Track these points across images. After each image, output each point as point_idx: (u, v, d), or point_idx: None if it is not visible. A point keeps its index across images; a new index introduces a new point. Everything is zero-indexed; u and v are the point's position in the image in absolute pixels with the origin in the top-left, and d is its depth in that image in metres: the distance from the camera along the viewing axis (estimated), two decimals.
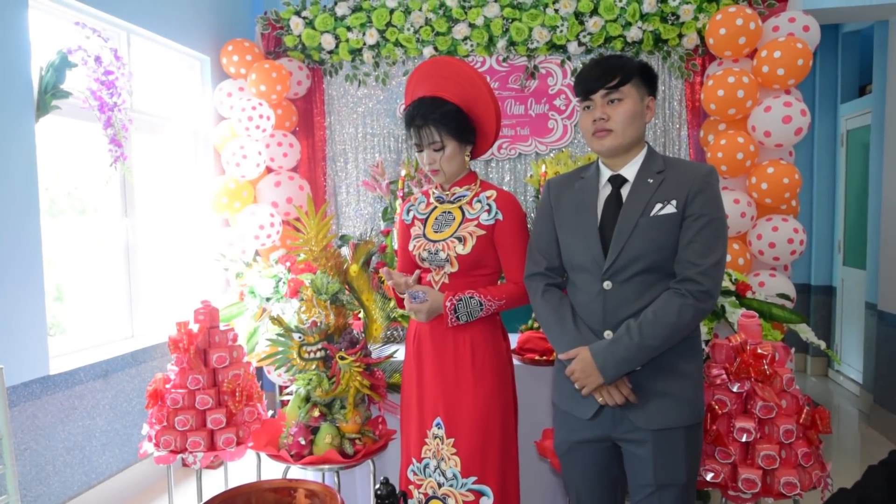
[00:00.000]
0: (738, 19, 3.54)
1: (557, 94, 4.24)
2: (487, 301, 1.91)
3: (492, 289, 1.94)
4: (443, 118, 1.90)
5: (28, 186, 2.76)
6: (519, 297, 1.94)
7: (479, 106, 1.94)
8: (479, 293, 1.92)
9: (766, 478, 2.07)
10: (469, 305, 1.91)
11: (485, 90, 1.93)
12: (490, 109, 1.94)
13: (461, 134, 1.94)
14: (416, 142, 1.96)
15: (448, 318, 1.92)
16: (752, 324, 2.24)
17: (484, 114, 1.95)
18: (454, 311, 1.91)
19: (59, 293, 3.23)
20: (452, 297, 1.92)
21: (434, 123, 1.90)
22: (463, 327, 1.95)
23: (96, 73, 3.01)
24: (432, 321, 1.98)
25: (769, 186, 3.52)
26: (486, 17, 4.08)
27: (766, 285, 3.56)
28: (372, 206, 4.48)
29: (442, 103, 1.93)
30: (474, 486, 1.94)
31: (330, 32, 4.24)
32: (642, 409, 1.66)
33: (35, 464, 2.79)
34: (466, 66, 1.95)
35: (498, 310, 1.95)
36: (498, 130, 2.00)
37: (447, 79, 1.95)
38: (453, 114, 1.92)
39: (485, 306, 1.91)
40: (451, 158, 1.94)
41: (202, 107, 4.24)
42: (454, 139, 1.93)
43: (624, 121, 1.66)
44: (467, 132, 1.96)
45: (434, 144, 1.92)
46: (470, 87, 1.93)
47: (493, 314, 1.97)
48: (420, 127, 1.92)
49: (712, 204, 1.63)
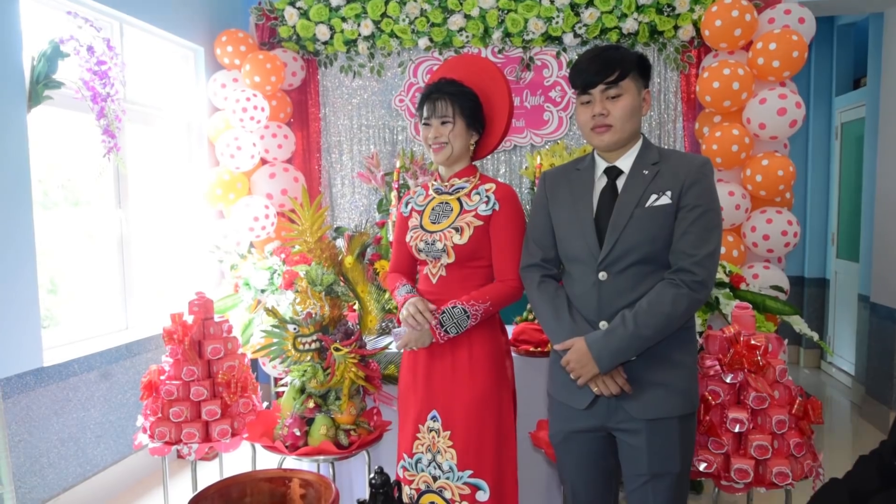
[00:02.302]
0: (733, 11, 3.54)
1: (553, 85, 4.23)
2: (471, 306, 1.90)
3: (474, 293, 1.92)
4: (459, 95, 1.96)
5: (20, 178, 2.74)
6: (506, 295, 1.93)
7: (496, 101, 2.01)
8: (461, 301, 1.91)
9: (759, 468, 2.09)
10: (454, 316, 1.90)
11: (504, 87, 2.00)
12: (504, 106, 2.00)
13: (471, 116, 1.97)
14: (427, 115, 1.98)
15: (437, 335, 1.93)
16: (745, 315, 2.25)
17: (498, 109, 2.01)
18: (441, 326, 1.92)
19: (53, 285, 3.22)
20: (433, 313, 1.94)
21: (450, 97, 1.95)
22: None
23: (89, 63, 2.98)
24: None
25: (764, 179, 3.53)
26: (482, 8, 4.07)
27: (759, 277, 3.57)
28: (367, 197, 4.47)
29: (461, 84, 1.99)
30: (470, 480, 1.95)
31: (324, 23, 4.22)
32: (637, 398, 1.66)
33: (29, 455, 2.78)
34: (491, 64, 2.08)
35: (486, 313, 1.92)
36: (506, 131, 2.04)
37: (471, 72, 2.04)
38: (469, 95, 1.98)
39: (470, 313, 1.90)
40: (457, 136, 1.96)
41: (196, 98, 4.21)
42: (464, 119, 1.96)
43: (623, 116, 1.66)
44: (477, 119, 1.99)
45: (444, 117, 1.95)
46: (490, 80, 2.01)
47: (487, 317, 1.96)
48: (436, 99, 1.96)
49: (707, 195, 1.64)
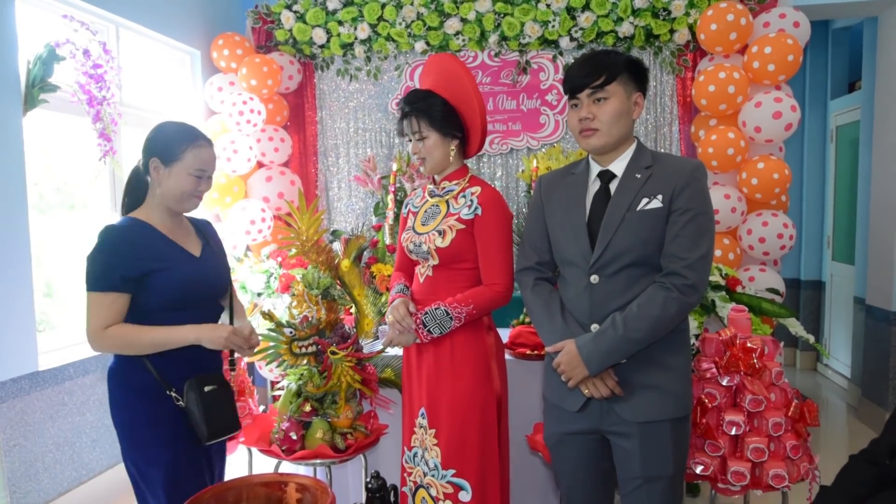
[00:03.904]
0: (729, 15, 3.56)
1: (549, 89, 4.24)
2: (454, 308, 1.91)
3: (459, 296, 1.94)
4: (427, 109, 1.95)
5: (16, 181, 2.73)
6: (491, 299, 1.94)
7: (465, 102, 1.96)
8: (445, 302, 1.93)
9: (755, 470, 2.09)
10: (436, 317, 1.92)
11: (468, 87, 1.94)
12: (474, 107, 1.95)
13: (443, 127, 1.96)
14: (405, 132, 2.01)
15: (420, 334, 1.95)
16: (741, 318, 2.25)
17: (469, 111, 1.97)
18: (423, 326, 1.94)
19: (49, 289, 3.21)
20: (417, 312, 1.96)
21: (416, 113, 1.96)
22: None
23: (85, 67, 2.98)
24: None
25: (759, 182, 3.54)
26: (478, 12, 4.08)
27: (755, 280, 3.58)
28: (363, 200, 4.47)
29: (428, 95, 1.98)
30: (453, 479, 1.96)
31: (321, 27, 4.23)
32: (628, 401, 1.67)
33: (24, 460, 2.77)
34: (457, 64, 1.98)
35: (469, 316, 1.93)
36: (484, 129, 2.01)
37: (441, 75, 2.01)
38: (437, 106, 1.96)
39: (453, 315, 1.91)
40: (432, 149, 1.97)
41: (192, 101, 4.21)
42: (436, 131, 1.96)
43: (609, 120, 1.66)
44: (451, 126, 1.98)
45: (415, 134, 1.97)
46: (456, 83, 1.96)
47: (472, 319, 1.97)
48: (406, 115, 1.98)
49: (698, 198, 1.64)
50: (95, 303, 1.70)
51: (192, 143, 1.79)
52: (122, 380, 1.79)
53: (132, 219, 1.81)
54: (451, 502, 1.96)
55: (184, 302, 1.79)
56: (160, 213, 1.83)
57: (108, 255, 1.70)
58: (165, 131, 1.81)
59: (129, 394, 1.77)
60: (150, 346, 1.74)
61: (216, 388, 1.81)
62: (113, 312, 1.70)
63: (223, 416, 1.82)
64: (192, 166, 1.79)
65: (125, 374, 1.78)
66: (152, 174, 1.80)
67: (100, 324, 1.69)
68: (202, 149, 1.82)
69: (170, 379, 1.76)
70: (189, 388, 1.75)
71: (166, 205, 1.82)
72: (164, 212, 1.83)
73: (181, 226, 1.90)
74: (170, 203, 1.81)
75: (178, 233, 1.86)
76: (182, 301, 1.79)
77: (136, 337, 1.72)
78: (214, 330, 1.79)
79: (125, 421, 1.78)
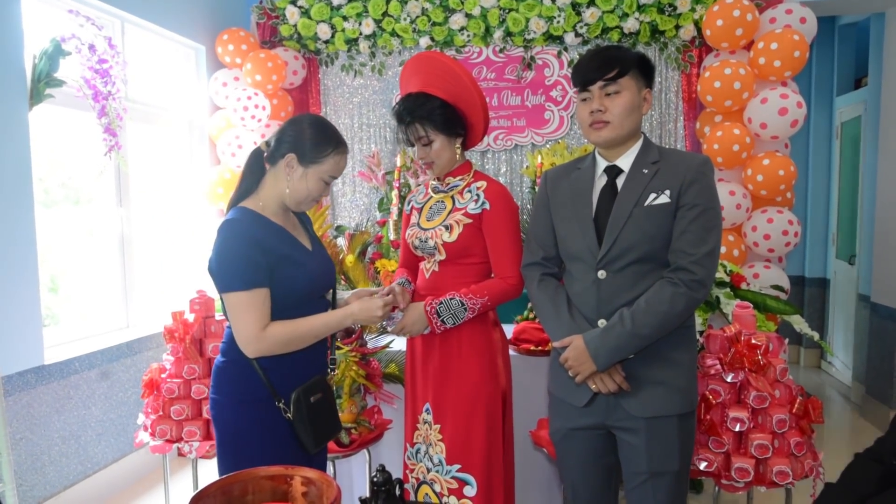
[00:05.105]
0: (735, 11, 3.54)
1: (554, 84, 4.23)
2: (469, 300, 1.90)
3: (473, 287, 1.93)
4: (429, 115, 1.92)
5: (22, 176, 2.74)
6: (504, 291, 1.93)
7: (465, 100, 1.95)
8: (459, 293, 1.92)
9: (759, 467, 2.09)
10: (451, 307, 1.91)
11: (468, 84, 1.92)
12: (475, 103, 1.94)
13: (448, 128, 1.95)
14: (405, 138, 1.98)
15: (433, 323, 1.93)
16: (746, 315, 2.25)
17: (470, 107, 1.96)
18: (437, 315, 1.92)
19: (54, 284, 3.22)
20: (432, 301, 1.93)
21: (419, 120, 1.93)
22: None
23: (90, 62, 2.98)
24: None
25: (765, 178, 3.53)
26: (483, 8, 4.07)
27: (760, 277, 3.57)
28: (368, 196, 4.47)
29: (427, 99, 1.94)
30: (458, 474, 1.96)
31: (326, 22, 4.22)
32: (635, 397, 1.67)
33: (30, 453, 2.79)
34: (450, 61, 1.95)
35: (483, 308, 1.93)
36: (486, 122, 2.00)
37: (433, 74, 1.96)
38: (439, 109, 1.93)
39: (467, 305, 1.90)
40: (440, 152, 1.96)
41: (197, 96, 4.21)
42: (441, 133, 1.94)
43: (621, 113, 1.66)
44: (455, 126, 1.97)
45: (421, 140, 1.95)
46: (455, 81, 1.93)
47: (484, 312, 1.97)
48: (408, 124, 1.95)
49: (706, 194, 1.64)
50: (247, 303, 1.58)
51: (336, 150, 1.72)
52: (230, 383, 1.68)
53: (249, 211, 1.69)
54: (455, 497, 1.96)
55: (308, 296, 1.72)
56: (275, 205, 1.73)
57: (246, 250, 1.59)
58: (313, 130, 1.71)
59: (234, 398, 1.67)
60: (311, 340, 1.66)
61: (321, 397, 1.72)
62: (266, 310, 1.60)
63: (328, 423, 1.75)
64: (328, 172, 1.72)
65: (233, 378, 1.68)
66: (282, 168, 1.70)
67: (259, 324, 1.58)
68: (343, 156, 1.74)
69: (278, 385, 1.66)
70: (296, 402, 1.65)
71: (283, 201, 1.72)
72: (279, 205, 1.73)
73: (290, 218, 1.80)
74: (288, 200, 1.72)
75: (290, 225, 1.78)
76: (306, 295, 1.71)
77: (298, 333, 1.63)
78: (364, 305, 1.72)
79: (229, 426, 1.68)
